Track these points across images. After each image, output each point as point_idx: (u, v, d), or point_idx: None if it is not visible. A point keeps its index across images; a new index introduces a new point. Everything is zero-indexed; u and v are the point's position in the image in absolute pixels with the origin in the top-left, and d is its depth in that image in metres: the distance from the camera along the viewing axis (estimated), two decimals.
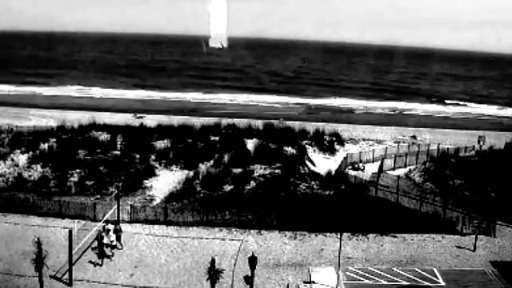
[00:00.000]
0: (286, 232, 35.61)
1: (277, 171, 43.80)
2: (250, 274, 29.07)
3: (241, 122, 60.75)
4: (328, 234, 35.16)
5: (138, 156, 46.83)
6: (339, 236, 29.58)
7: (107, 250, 30.81)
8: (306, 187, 41.68)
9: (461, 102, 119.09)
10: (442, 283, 29.26)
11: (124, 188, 40.76)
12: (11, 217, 36.29)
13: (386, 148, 59.02)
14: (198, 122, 60.17)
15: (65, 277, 28.67)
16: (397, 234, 35.52)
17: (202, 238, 34.47)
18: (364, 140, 64.57)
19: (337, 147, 57.91)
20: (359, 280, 29.43)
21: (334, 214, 35.46)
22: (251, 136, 52.10)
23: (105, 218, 35.06)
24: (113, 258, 30.90)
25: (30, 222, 35.08)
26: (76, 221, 33.76)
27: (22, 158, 45.88)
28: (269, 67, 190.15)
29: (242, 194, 40.26)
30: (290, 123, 64.49)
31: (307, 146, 53.67)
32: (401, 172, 50.43)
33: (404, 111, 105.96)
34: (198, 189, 41.45)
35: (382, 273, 30.18)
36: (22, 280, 28.31)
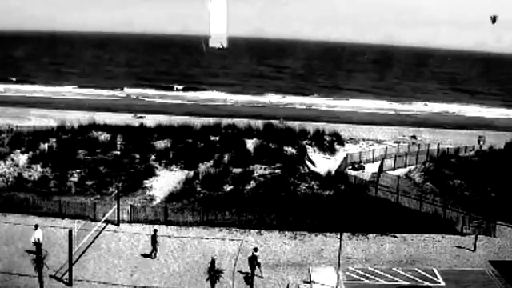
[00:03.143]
0: (286, 232, 35.61)
1: (277, 171, 43.79)
2: (249, 274, 29.08)
3: (241, 122, 60.76)
4: (328, 234, 35.17)
5: (138, 156, 46.83)
6: (339, 236, 29.58)
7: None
8: (306, 187, 41.67)
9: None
10: (442, 283, 29.26)
11: (124, 188, 40.75)
12: (11, 217, 36.32)
13: (386, 148, 59.04)
14: (198, 122, 60.15)
15: (65, 277, 28.69)
16: (397, 234, 35.52)
17: (202, 238, 34.49)
18: (364, 140, 64.59)
19: (337, 147, 57.91)
20: (359, 280, 29.43)
21: (334, 214, 35.46)
22: (251, 136, 52.07)
23: (104, 218, 35.12)
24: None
25: (30, 222, 35.02)
26: (76, 221, 33.74)
27: (21, 158, 45.87)
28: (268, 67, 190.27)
29: (241, 194, 40.26)
30: (290, 123, 64.53)
31: (307, 146, 53.65)
32: (401, 172, 50.43)
33: (403, 111, 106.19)
34: (198, 189, 41.46)
35: (382, 273, 30.18)
36: (22, 280, 28.32)
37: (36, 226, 31.58)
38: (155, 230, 32.30)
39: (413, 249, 33.87)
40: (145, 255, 31.98)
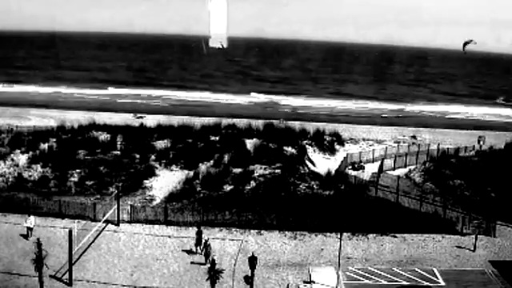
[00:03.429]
0: (286, 232, 35.62)
1: (277, 171, 43.80)
2: (249, 274, 29.10)
3: (241, 122, 60.77)
4: (328, 234, 35.18)
5: (138, 156, 46.83)
6: (339, 236, 29.59)
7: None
8: (306, 187, 41.69)
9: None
10: (442, 283, 29.27)
11: (124, 188, 40.75)
12: (11, 217, 36.32)
13: (386, 148, 59.04)
14: (198, 121, 60.14)
15: (65, 277, 28.69)
16: (397, 234, 35.53)
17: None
18: (364, 140, 64.60)
19: (337, 147, 57.92)
20: (359, 280, 29.43)
21: (334, 214, 35.46)
22: (251, 136, 52.08)
23: (104, 218, 35.12)
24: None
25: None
26: (76, 221, 33.83)
27: (22, 158, 45.88)
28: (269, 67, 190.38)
29: (242, 194, 40.27)
30: (290, 123, 64.52)
31: (307, 146, 53.66)
32: (401, 172, 50.43)
33: (404, 112, 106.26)
34: (198, 189, 41.47)
35: (382, 273, 30.18)
36: (22, 280, 28.33)
37: (29, 214, 33.15)
38: (200, 231, 32.58)
39: (413, 249, 33.87)
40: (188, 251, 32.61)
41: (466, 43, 30.23)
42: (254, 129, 55.92)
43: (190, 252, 32.56)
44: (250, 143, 49.55)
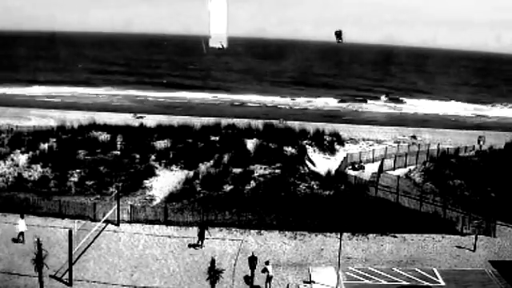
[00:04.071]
0: (286, 232, 35.61)
1: (277, 171, 43.80)
2: (249, 274, 29.10)
3: (241, 122, 60.75)
4: (328, 234, 35.17)
5: (138, 156, 46.83)
6: (339, 236, 29.59)
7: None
8: (306, 187, 41.69)
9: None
10: (442, 283, 29.28)
11: (124, 188, 40.76)
12: (11, 217, 36.32)
13: (386, 148, 59.04)
14: (198, 122, 60.13)
15: (65, 277, 28.69)
16: (397, 234, 35.53)
17: None
18: (364, 140, 64.59)
19: (337, 147, 57.90)
20: (359, 280, 29.44)
21: (334, 214, 35.46)
22: (251, 136, 52.08)
23: (104, 218, 35.12)
24: None
25: (30, 221, 34.98)
26: (76, 221, 33.82)
27: (22, 158, 45.88)
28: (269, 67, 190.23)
29: (241, 194, 40.27)
30: (289, 123, 64.53)
31: (307, 146, 53.65)
32: (401, 172, 50.43)
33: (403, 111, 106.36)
34: (198, 189, 41.47)
35: (382, 273, 30.19)
36: (22, 280, 28.33)
37: (22, 216, 32.87)
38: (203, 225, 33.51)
39: (413, 249, 33.88)
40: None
41: (338, 34, 28.47)
42: (253, 129, 55.91)
43: None
44: (250, 143, 49.56)
